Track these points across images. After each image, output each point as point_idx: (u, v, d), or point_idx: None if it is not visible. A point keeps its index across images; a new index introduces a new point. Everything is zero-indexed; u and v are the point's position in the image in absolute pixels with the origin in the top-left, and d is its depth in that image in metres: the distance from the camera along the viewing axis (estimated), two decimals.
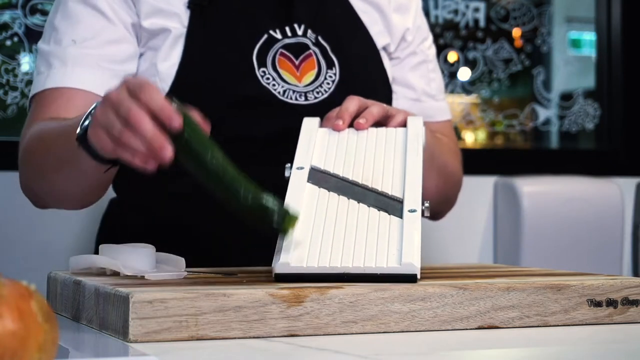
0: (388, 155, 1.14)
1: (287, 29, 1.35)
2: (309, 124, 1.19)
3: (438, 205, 1.47)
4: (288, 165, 1.11)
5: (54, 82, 1.29)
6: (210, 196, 1.35)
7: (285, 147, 1.18)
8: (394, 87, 1.45)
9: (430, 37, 1.52)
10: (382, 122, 1.22)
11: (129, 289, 0.88)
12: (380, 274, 0.96)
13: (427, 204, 1.06)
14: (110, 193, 1.45)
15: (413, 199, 1.05)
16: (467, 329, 0.94)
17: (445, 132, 1.49)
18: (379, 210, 1.05)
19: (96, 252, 1.46)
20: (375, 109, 1.22)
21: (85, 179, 1.18)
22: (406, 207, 1.04)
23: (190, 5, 1.33)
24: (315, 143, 1.16)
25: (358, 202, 1.06)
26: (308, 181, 1.09)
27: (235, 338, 0.87)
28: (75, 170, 1.15)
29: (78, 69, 1.29)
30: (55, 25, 1.33)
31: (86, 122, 1.04)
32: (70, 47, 1.30)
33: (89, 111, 1.05)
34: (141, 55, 1.34)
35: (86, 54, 1.30)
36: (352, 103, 1.21)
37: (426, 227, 1.58)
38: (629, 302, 1.00)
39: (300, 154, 1.13)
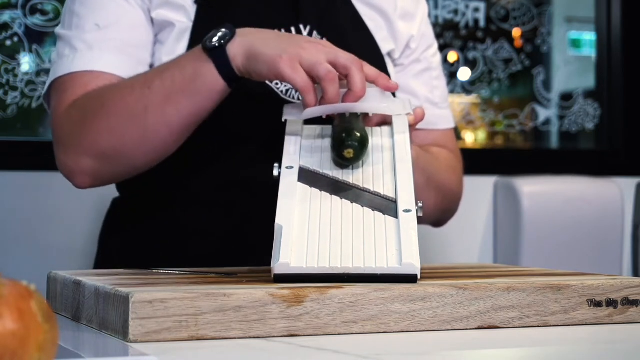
0: (376, 154, 1.13)
1: (293, 29, 1.35)
2: (294, 124, 1.18)
3: (438, 217, 1.48)
4: (276, 164, 1.10)
5: (82, 65, 1.29)
6: (212, 197, 1.35)
7: None
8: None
9: (436, 45, 1.52)
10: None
11: (129, 289, 0.87)
12: (381, 274, 0.96)
13: (420, 204, 1.05)
14: (114, 192, 1.45)
15: (406, 200, 1.05)
16: (467, 329, 0.94)
17: (447, 140, 1.49)
18: (373, 210, 1.04)
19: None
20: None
21: (192, 107, 1.19)
22: (400, 207, 1.03)
23: (198, 0, 1.33)
24: (302, 142, 1.14)
25: (352, 202, 1.05)
26: (299, 181, 1.08)
27: (235, 338, 0.87)
28: (185, 98, 1.18)
29: (105, 53, 1.29)
30: (76, 11, 1.33)
31: (219, 40, 1.15)
32: (95, 32, 1.30)
33: (221, 34, 1.15)
34: None
35: (111, 38, 1.30)
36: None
37: (426, 227, 1.59)
38: (629, 302, 1.00)
39: (288, 153, 1.12)
